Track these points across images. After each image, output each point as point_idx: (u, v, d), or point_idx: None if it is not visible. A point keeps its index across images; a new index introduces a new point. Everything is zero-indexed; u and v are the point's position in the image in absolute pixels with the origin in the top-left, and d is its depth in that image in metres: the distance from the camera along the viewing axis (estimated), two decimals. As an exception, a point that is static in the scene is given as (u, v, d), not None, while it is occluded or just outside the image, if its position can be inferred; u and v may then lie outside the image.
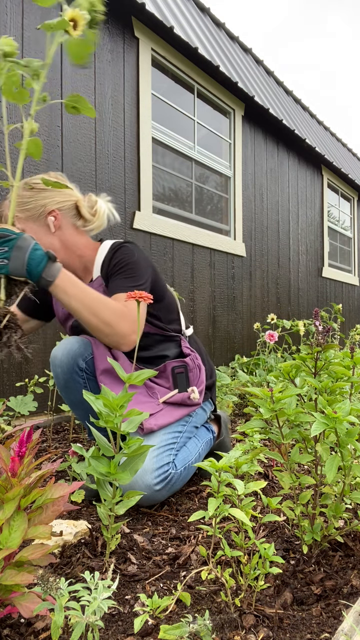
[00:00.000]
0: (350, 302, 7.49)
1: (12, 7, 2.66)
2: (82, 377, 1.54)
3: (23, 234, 1.18)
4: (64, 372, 1.53)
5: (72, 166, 3.00)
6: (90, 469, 1.03)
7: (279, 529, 1.33)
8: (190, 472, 1.57)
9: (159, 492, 1.43)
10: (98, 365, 1.53)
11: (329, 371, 1.16)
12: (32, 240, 1.18)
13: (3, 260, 1.13)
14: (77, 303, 1.29)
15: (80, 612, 0.75)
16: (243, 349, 4.76)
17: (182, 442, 1.58)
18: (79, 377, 1.53)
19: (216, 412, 1.87)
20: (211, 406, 1.79)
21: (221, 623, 0.91)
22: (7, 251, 1.14)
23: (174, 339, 1.67)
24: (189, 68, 4.01)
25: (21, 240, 1.16)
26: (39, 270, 1.18)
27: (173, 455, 1.50)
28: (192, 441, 1.63)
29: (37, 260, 1.18)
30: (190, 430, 1.63)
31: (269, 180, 5.30)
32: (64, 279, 1.26)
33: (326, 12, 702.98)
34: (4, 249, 1.13)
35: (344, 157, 7.37)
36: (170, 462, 1.48)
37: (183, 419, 1.61)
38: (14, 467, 0.88)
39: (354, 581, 1.06)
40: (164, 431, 1.53)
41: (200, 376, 1.67)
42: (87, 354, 1.54)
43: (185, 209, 4.17)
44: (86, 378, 1.55)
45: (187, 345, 1.70)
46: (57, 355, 1.53)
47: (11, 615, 0.94)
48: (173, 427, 1.56)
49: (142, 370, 1.06)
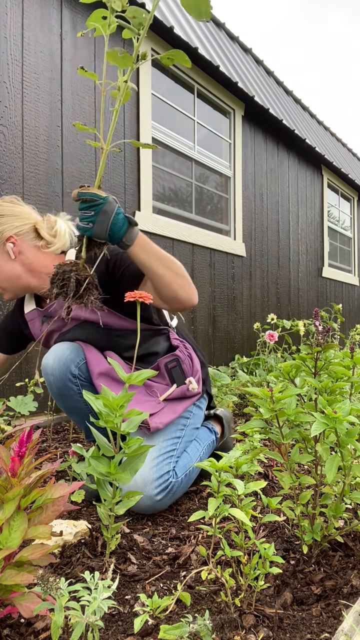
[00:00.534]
0: (350, 302, 7.49)
1: (12, 7, 2.66)
2: (75, 384, 1.51)
3: (109, 197, 1.22)
4: (57, 380, 1.50)
5: (72, 166, 3.00)
6: (90, 469, 1.02)
7: (279, 529, 1.33)
8: (191, 478, 1.55)
9: (161, 502, 1.42)
10: (93, 369, 1.50)
11: (329, 371, 1.16)
12: (115, 204, 1.23)
13: (89, 223, 1.20)
14: (155, 260, 1.34)
15: (80, 612, 0.75)
16: (243, 349, 4.76)
17: (182, 448, 1.56)
18: (72, 384, 1.51)
19: (217, 410, 1.84)
20: (206, 401, 1.76)
21: (221, 623, 0.91)
22: (94, 215, 1.20)
23: (163, 332, 1.65)
24: (189, 68, 4.01)
25: (107, 205, 1.20)
26: (120, 235, 1.24)
27: (173, 462, 1.48)
28: (193, 445, 1.61)
29: (119, 225, 1.23)
30: (189, 434, 1.61)
31: (269, 180, 5.30)
32: (142, 241, 1.31)
33: (326, 12, 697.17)
34: (90, 212, 1.20)
35: (344, 157, 7.37)
36: (171, 471, 1.45)
37: (180, 423, 1.58)
38: (14, 467, 0.88)
39: (354, 581, 1.06)
40: (163, 437, 1.50)
41: (194, 365, 1.64)
42: (79, 360, 1.52)
43: (185, 209, 4.17)
44: (80, 384, 1.52)
45: (176, 337, 1.67)
46: (49, 363, 1.50)
47: (11, 615, 0.94)
48: (172, 432, 1.54)
49: (141, 371, 1.05)
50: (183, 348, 1.64)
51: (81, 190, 1.21)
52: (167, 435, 1.52)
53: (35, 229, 1.53)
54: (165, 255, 1.37)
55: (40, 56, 2.81)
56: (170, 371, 1.58)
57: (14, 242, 1.49)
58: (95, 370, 1.51)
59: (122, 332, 1.54)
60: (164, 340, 1.64)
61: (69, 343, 1.55)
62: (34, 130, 2.77)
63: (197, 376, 1.63)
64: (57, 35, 2.92)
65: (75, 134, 3.03)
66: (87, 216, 1.20)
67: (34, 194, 2.76)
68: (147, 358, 1.60)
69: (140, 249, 1.31)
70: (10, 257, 1.50)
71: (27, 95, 2.73)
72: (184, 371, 1.60)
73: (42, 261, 1.53)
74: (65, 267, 1.22)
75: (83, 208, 1.21)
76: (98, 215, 1.20)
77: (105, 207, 1.20)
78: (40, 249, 1.53)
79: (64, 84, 2.96)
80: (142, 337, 1.58)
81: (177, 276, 1.38)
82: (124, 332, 1.54)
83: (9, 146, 2.64)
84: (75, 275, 1.20)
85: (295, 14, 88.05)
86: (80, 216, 1.22)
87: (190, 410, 1.64)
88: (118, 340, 1.55)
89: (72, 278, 1.20)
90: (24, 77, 2.72)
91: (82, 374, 1.52)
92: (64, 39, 2.96)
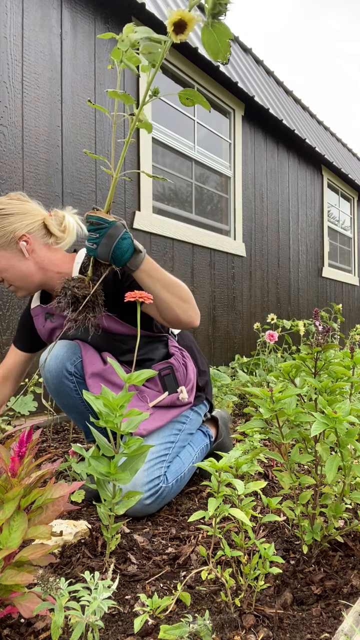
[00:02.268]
0: (350, 302, 7.49)
1: (12, 7, 2.66)
2: (71, 381, 1.53)
3: (116, 222, 1.26)
4: (53, 377, 1.52)
5: (72, 166, 3.00)
6: (90, 469, 1.02)
7: (279, 529, 1.33)
8: (182, 484, 1.55)
9: (149, 506, 1.42)
10: (87, 369, 1.52)
11: (329, 371, 1.16)
12: (121, 230, 1.26)
13: (93, 244, 1.26)
14: (160, 285, 1.37)
15: (80, 612, 0.75)
16: (243, 349, 4.76)
17: (175, 453, 1.55)
18: (68, 381, 1.53)
19: (212, 413, 1.83)
20: (206, 408, 1.75)
21: (221, 623, 0.91)
22: (98, 237, 1.25)
23: (162, 339, 1.65)
24: (189, 68, 4.01)
25: (112, 229, 1.25)
26: (123, 260, 1.28)
27: (165, 467, 1.48)
28: (185, 450, 1.60)
29: (123, 250, 1.27)
30: (183, 439, 1.60)
31: (269, 180, 5.30)
32: (148, 266, 1.34)
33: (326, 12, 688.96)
34: (96, 235, 1.25)
35: (344, 157, 7.37)
36: (162, 476, 1.45)
37: (175, 427, 1.58)
38: (14, 467, 0.88)
39: (354, 581, 1.06)
40: (157, 441, 1.50)
41: (188, 374, 1.63)
42: (76, 358, 1.53)
43: (185, 209, 4.17)
44: (76, 382, 1.54)
45: (175, 344, 1.67)
46: (46, 360, 1.53)
47: (11, 615, 0.94)
48: (165, 437, 1.53)
49: (141, 371, 1.06)
50: (179, 356, 1.64)
51: (90, 213, 1.27)
52: (160, 440, 1.52)
53: (45, 226, 1.52)
54: (171, 281, 1.39)
55: (40, 56, 2.81)
56: (163, 378, 1.57)
57: (27, 241, 1.48)
58: (88, 370, 1.52)
59: (121, 337, 1.55)
60: (162, 347, 1.64)
61: (67, 342, 1.56)
62: (34, 130, 2.77)
63: (189, 385, 1.62)
64: (57, 36, 2.92)
65: (75, 134, 3.03)
66: (93, 238, 1.26)
67: (34, 194, 2.76)
68: (143, 363, 1.59)
69: (144, 274, 1.34)
70: (25, 255, 1.48)
71: (27, 95, 2.73)
72: (177, 379, 1.59)
73: (52, 259, 1.52)
74: (71, 283, 1.30)
75: (90, 230, 1.26)
76: (102, 237, 1.25)
77: (110, 231, 1.25)
78: (50, 246, 1.53)
79: (64, 84, 2.96)
80: (141, 343, 1.58)
81: (181, 301, 1.41)
82: (123, 337, 1.55)
83: (9, 146, 2.64)
84: (76, 291, 1.28)
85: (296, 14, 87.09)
86: (88, 237, 1.27)
87: (187, 416, 1.63)
88: (117, 344, 1.56)
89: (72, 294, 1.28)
90: (24, 77, 2.72)
91: (78, 371, 1.53)
92: (64, 39, 2.96)
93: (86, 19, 3.11)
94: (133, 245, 1.29)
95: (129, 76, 3.43)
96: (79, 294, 1.27)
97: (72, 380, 1.53)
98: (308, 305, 6.12)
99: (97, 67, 3.18)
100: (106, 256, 1.26)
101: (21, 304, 2.69)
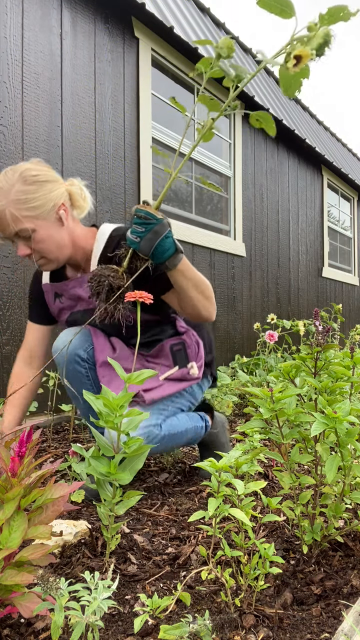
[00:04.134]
0: (350, 302, 7.49)
1: (12, 7, 2.66)
2: (84, 367, 1.55)
3: (163, 220, 1.27)
4: (65, 363, 1.54)
5: (72, 166, 3.00)
6: (90, 469, 1.03)
7: (279, 529, 1.33)
8: (173, 442, 1.57)
9: None
10: (98, 357, 1.54)
11: (329, 371, 1.16)
12: (167, 228, 1.27)
13: (137, 238, 1.26)
14: (191, 285, 1.41)
15: (80, 612, 0.75)
16: (243, 349, 4.76)
17: (173, 412, 1.59)
18: (80, 367, 1.55)
19: (214, 410, 1.87)
20: (209, 383, 1.79)
21: (221, 623, 0.91)
22: (144, 232, 1.26)
23: (170, 321, 1.69)
24: (189, 68, 4.01)
25: (159, 226, 1.26)
26: (163, 257, 1.30)
27: (161, 419, 1.53)
28: (183, 415, 1.64)
29: (165, 248, 1.28)
30: (183, 403, 1.64)
31: (269, 180, 5.30)
32: (184, 267, 1.37)
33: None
34: (141, 229, 1.26)
35: (344, 157, 7.37)
36: (157, 425, 1.50)
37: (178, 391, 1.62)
38: (14, 467, 0.88)
39: (354, 581, 1.06)
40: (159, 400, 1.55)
41: (200, 351, 1.67)
42: (87, 345, 1.55)
43: (185, 209, 4.17)
44: (88, 368, 1.56)
45: (182, 325, 1.70)
46: (58, 346, 1.54)
47: (11, 615, 0.94)
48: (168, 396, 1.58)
49: (141, 371, 1.06)
50: (191, 334, 1.68)
51: (139, 207, 1.27)
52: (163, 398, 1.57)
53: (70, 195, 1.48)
54: (201, 280, 1.43)
55: (40, 56, 2.81)
56: (175, 353, 1.61)
57: (65, 209, 1.44)
58: (99, 358, 1.54)
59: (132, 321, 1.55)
60: (170, 328, 1.68)
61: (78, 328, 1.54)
62: (34, 130, 2.77)
63: (200, 362, 1.66)
64: (57, 36, 2.92)
65: (75, 135, 3.03)
66: (138, 231, 1.26)
67: (34, 194, 2.75)
68: (152, 344, 1.63)
69: (180, 274, 1.37)
70: (63, 224, 1.45)
71: (27, 95, 2.73)
72: (188, 355, 1.64)
73: (78, 232, 1.52)
74: (105, 271, 1.30)
75: (136, 223, 1.26)
76: (148, 233, 1.25)
77: (157, 227, 1.26)
78: (75, 219, 1.52)
79: (64, 84, 2.96)
80: (149, 326, 1.61)
81: (205, 299, 1.46)
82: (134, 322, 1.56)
83: (9, 146, 2.64)
84: (111, 281, 1.28)
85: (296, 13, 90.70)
86: (132, 229, 1.27)
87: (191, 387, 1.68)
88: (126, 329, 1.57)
89: (107, 283, 1.27)
90: (24, 77, 2.72)
91: (91, 358, 1.56)
92: (64, 39, 2.96)
93: (86, 19, 3.11)
94: (175, 245, 1.31)
95: (129, 79, 3.43)
96: (115, 284, 1.28)
97: (84, 366, 1.55)
98: (308, 305, 6.12)
99: (97, 67, 3.18)
100: (147, 251, 1.27)
101: (21, 304, 2.69)
